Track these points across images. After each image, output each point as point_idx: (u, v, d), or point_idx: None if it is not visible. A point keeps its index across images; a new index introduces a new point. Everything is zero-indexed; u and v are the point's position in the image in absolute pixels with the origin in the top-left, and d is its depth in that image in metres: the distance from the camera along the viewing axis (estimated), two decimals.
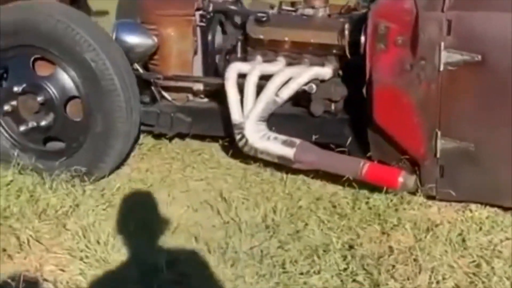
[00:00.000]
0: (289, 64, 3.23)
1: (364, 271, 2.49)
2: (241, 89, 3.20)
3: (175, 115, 3.41)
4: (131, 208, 3.04)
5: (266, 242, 2.74)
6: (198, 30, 3.41)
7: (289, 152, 3.00)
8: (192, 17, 3.38)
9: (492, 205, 2.85)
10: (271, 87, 3.07)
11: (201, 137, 3.60)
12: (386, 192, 2.97)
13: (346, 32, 3.06)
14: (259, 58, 3.28)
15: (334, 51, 3.16)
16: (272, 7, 3.60)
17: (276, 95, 3.07)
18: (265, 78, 3.16)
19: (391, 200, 2.95)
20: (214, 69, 3.48)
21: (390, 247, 2.65)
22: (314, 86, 3.11)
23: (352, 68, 3.12)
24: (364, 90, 2.92)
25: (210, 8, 3.39)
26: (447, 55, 2.65)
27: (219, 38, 3.48)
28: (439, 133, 2.77)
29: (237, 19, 3.54)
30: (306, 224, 2.84)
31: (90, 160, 3.17)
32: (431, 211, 2.91)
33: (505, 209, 2.82)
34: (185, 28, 3.39)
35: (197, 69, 3.49)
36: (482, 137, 2.70)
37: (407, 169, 2.91)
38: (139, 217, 2.95)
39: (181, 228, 2.88)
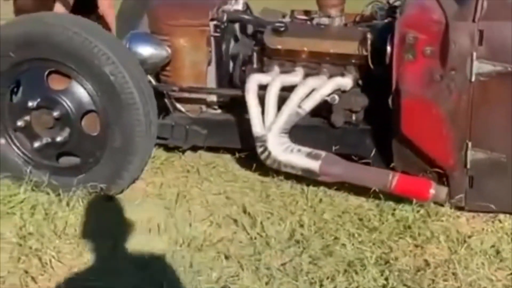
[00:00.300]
0: (307, 74, 3.18)
1: (405, 287, 2.45)
2: (260, 101, 3.16)
3: (190, 127, 3.34)
4: (153, 224, 2.95)
5: (298, 258, 2.69)
6: (212, 40, 3.34)
7: (314, 165, 2.95)
8: (206, 27, 3.31)
9: None
10: (294, 98, 3.01)
11: (213, 149, 3.53)
12: (411, 203, 2.95)
13: (369, 42, 3.01)
14: (276, 68, 3.22)
15: (355, 61, 3.12)
16: (284, 15, 3.55)
17: (299, 106, 3.02)
18: (285, 89, 3.11)
19: (418, 211, 2.92)
20: (228, 80, 3.42)
21: (426, 261, 2.62)
22: (336, 97, 3.07)
23: (373, 78, 3.09)
24: (389, 101, 2.88)
25: (224, 18, 3.32)
26: (479, 65, 2.63)
27: (233, 48, 3.41)
28: (469, 144, 2.75)
29: (250, 29, 3.49)
30: (336, 238, 2.79)
31: (108, 176, 3.08)
32: (460, 222, 2.89)
33: None
34: (199, 38, 3.32)
35: (211, 80, 3.42)
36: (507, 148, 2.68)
37: (435, 180, 2.88)
38: (163, 233, 2.87)
39: (207, 244, 2.80)
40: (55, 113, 3.01)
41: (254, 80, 3.11)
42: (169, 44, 3.34)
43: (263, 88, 3.13)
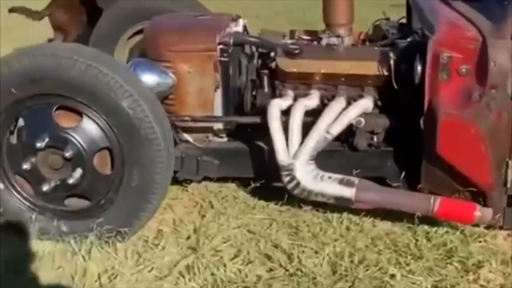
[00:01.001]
0: (324, 97, 3.06)
1: None
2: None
3: (201, 159, 3.14)
4: (180, 267, 2.73)
5: None
6: (219, 65, 3.16)
7: (349, 192, 2.82)
8: (213, 52, 3.13)
9: None
10: (321, 123, 2.88)
11: (218, 179, 3.34)
12: (443, 225, 2.89)
13: (391, 62, 2.93)
14: (290, 92, 3.08)
15: (374, 81, 3.03)
16: (284, 36, 3.42)
17: (327, 132, 2.89)
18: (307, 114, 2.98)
19: (454, 234, 2.86)
20: (236, 106, 3.24)
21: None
22: (362, 120, 2.96)
23: (392, 98, 3.01)
24: (421, 122, 2.81)
25: (231, 41, 3.14)
26: None
27: (240, 72, 3.25)
28: (510, 162, 2.71)
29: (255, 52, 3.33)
30: (381, 268, 2.67)
31: (123, 218, 2.83)
32: (499, 243, 2.83)
33: None
34: (206, 63, 3.13)
35: (217, 107, 3.24)
36: None
37: (469, 200, 2.83)
38: (196, 277, 2.66)
39: (246, 286, 2.62)
40: (67, 153, 2.74)
41: (276, 106, 2.96)
42: (173, 71, 3.14)
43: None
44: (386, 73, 2.98)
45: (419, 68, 2.79)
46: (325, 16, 3.23)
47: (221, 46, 3.13)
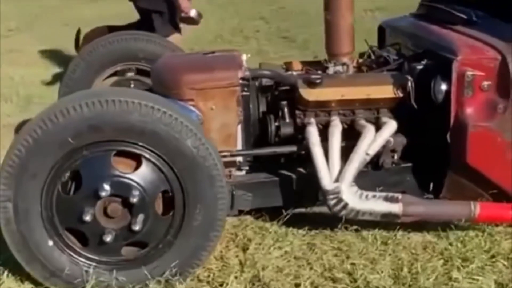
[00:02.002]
0: (343, 122, 3.24)
1: None
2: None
3: (236, 193, 3.17)
4: None
5: None
6: (241, 100, 3.23)
7: (396, 208, 3.00)
8: (236, 87, 3.19)
9: None
10: (362, 145, 3.04)
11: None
12: (468, 229, 3.16)
13: (409, 84, 3.17)
14: (313, 120, 3.23)
15: (390, 103, 3.25)
16: (282, 67, 3.55)
17: (366, 153, 3.06)
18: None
19: (482, 236, 3.13)
20: (255, 139, 3.32)
21: None
22: (392, 140, 3.16)
23: (407, 117, 3.24)
24: (448, 136, 3.07)
25: (251, 76, 3.23)
26: None
27: (259, 105, 3.33)
28: None
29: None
30: (442, 275, 2.86)
31: (184, 260, 2.79)
32: None
33: None
34: (229, 99, 3.18)
35: (239, 141, 3.29)
36: None
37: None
38: None
39: None
40: (133, 199, 2.66)
41: (314, 134, 3.09)
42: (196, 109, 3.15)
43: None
44: (402, 95, 3.21)
45: (443, 87, 3.05)
46: (329, 47, 3.42)
47: (242, 81, 3.20)
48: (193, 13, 5.03)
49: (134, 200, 2.65)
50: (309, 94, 3.22)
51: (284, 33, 8.71)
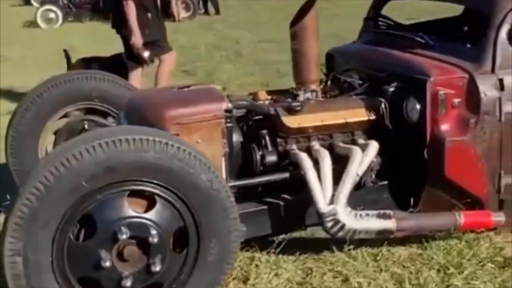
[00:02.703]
0: (322, 145, 3.35)
1: None
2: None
3: None
4: None
5: None
6: (226, 131, 3.24)
7: (390, 224, 3.13)
8: (221, 119, 3.20)
9: None
10: (353, 167, 3.16)
11: None
12: (447, 239, 3.36)
13: (382, 106, 3.35)
14: (295, 146, 3.31)
15: (365, 125, 3.41)
16: (252, 99, 3.60)
17: (357, 174, 3.17)
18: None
19: (460, 243, 3.34)
20: (239, 169, 3.33)
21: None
22: (375, 160, 3.31)
23: (380, 137, 3.40)
24: (425, 152, 3.26)
25: (233, 107, 3.26)
26: (506, 107, 3.21)
27: (242, 136, 3.36)
28: (502, 172, 3.30)
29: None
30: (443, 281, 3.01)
31: None
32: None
33: None
34: (214, 131, 3.18)
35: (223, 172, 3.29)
36: None
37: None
38: None
39: None
40: (151, 240, 2.58)
41: (306, 160, 3.15)
42: None
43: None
44: (375, 117, 3.38)
45: (417, 106, 3.25)
46: (298, 75, 3.54)
47: (225, 113, 3.22)
48: (146, 54, 5.45)
49: (153, 240, 2.58)
50: (291, 121, 3.30)
51: (183, 67, 8.77)
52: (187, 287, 2.74)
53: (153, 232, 2.60)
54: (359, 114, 3.40)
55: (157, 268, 2.61)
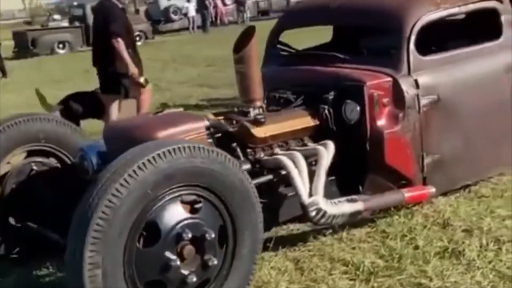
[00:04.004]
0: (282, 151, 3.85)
1: None
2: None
3: None
4: None
5: None
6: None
7: (359, 206, 3.70)
8: (203, 137, 3.54)
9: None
10: (323, 163, 3.68)
11: None
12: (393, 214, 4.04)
13: (326, 112, 3.95)
14: (262, 153, 3.76)
15: (312, 131, 3.98)
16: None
17: (326, 168, 3.71)
18: None
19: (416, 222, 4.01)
20: None
21: None
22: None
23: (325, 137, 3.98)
24: (367, 145, 3.92)
25: (210, 125, 3.63)
26: (422, 101, 4.00)
27: None
28: (424, 154, 4.07)
29: None
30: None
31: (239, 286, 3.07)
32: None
33: None
34: None
35: None
36: (444, 149, 4.14)
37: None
38: None
39: None
40: (207, 238, 2.86)
41: (287, 160, 3.60)
42: None
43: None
44: (319, 122, 3.97)
45: (358, 108, 3.90)
46: (245, 94, 3.98)
47: (206, 131, 3.58)
48: (142, 79, 6.27)
49: (207, 238, 2.86)
50: (258, 132, 3.75)
51: None
52: (228, 279, 3.03)
53: (207, 230, 2.88)
54: (307, 121, 3.96)
55: (214, 262, 2.88)
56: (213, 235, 2.90)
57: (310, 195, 3.59)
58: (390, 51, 4.11)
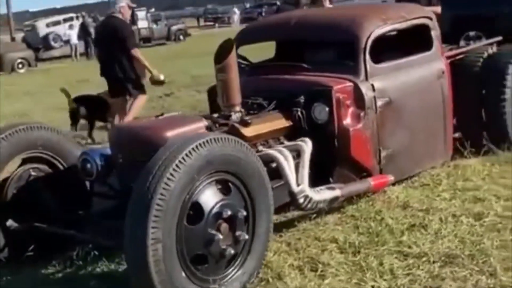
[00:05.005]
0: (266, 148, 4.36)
1: None
2: None
3: None
4: None
5: None
6: None
7: (337, 193, 4.27)
8: None
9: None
10: (306, 156, 4.21)
11: None
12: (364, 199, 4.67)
13: (299, 113, 4.51)
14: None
15: (287, 130, 4.52)
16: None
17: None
18: None
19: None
20: None
21: None
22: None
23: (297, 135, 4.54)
24: (335, 141, 4.52)
25: (209, 124, 4.08)
26: (378, 102, 4.67)
27: None
28: (381, 148, 4.73)
29: None
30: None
31: (258, 263, 3.53)
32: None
33: None
34: None
35: None
36: (395, 144, 4.82)
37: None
38: None
39: None
40: (239, 216, 3.31)
41: (278, 154, 4.09)
42: None
43: None
44: (293, 122, 4.52)
45: (327, 109, 4.49)
46: (226, 100, 4.44)
47: (206, 130, 4.02)
48: (162, 77, 7.52)
49: (239, 216, 3.31)
50: (247, 132, 4.22)
51: None
52: (250, 254, 3.48)
53: (239, 210, 3.33)
54: (283, 123, 4.49)
55: (245, 237, 3.33)
56: (244, 213, 3.35)
57: (298, 184, 4.11)
58: (349, 60, 4.75)
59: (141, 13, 32.75)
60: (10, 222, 4.05)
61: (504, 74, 5.51)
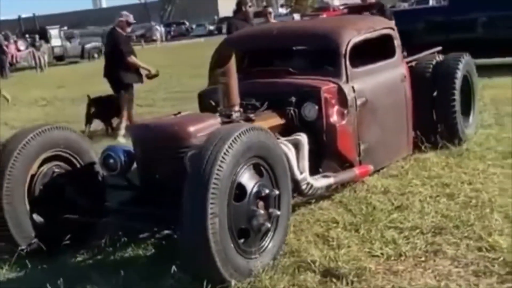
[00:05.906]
0: None
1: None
2: None
3: None
4: None
5: None
6: None
7: (331, 181, 4.85)
8: None
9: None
10: (305, 148, 4.75)
11: None
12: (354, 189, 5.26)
13: (292, 112, 5.06)
14: None
15: (283, 126, 5.05)
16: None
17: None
18: None
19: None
20: None
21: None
22: None
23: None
24: (324, 136, 5.11)
25: (222, 120, 4.56)
26: (358, 101, 5.29)
27: None
28: (360, 142, 5.35)
29: None
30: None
31: (283, 238, 4.04)
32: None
33: None
34: None
35: None
36: (372, 138, 5.46)
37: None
38: None
39: None
40: (273, 195, 3.81)
41: (284, 145, 4.61)
42: None
43: None
44: (286, 120, 5.06)
45: (316, 107, 5.06)
46: (227, 101, 4.93)
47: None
48: (154, 71, 9.01)
49: (272, 195, 3.81)
50: None
51: None
52: (277, 230, 3.98)
53: (272, 189, 3.83)
54: (278, 120, 5.02)
55: (277, 213, 3.84)
56: (277, 192, 3.85)
57: (301, 172, 4.65)
58: (331, 65, 5.36)
59: (54, 31, 32.39)
60: (38, 217, 4.35)
61: (453, 78, 6.31)
